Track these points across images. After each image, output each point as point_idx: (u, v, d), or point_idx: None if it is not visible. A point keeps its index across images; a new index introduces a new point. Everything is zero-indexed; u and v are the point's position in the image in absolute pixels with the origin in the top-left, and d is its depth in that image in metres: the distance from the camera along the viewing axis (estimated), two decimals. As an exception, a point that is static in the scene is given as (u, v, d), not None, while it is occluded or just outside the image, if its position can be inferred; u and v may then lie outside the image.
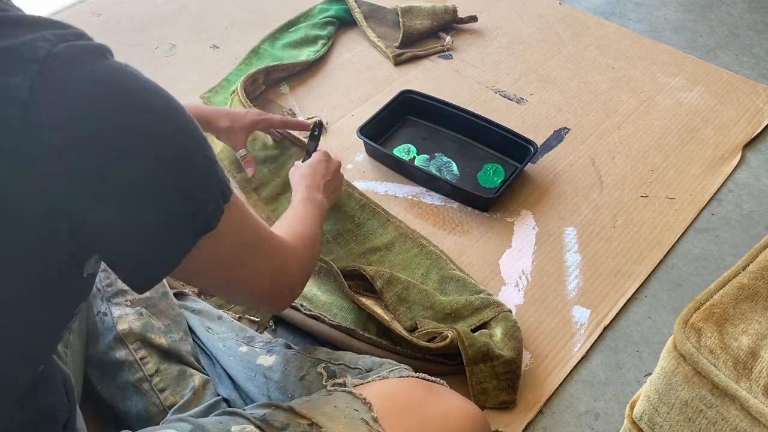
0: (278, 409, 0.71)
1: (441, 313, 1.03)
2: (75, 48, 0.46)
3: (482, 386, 0.94)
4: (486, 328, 1.01)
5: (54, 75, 0.44)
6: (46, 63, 0.44)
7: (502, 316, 1.01)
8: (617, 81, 1.52)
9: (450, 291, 1.07)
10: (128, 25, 1.67)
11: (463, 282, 1.08)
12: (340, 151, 1.33)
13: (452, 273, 1.09)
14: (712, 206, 1.26)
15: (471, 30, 1.66)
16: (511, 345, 0.97)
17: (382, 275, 1.06)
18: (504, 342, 0.97)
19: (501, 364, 0.94)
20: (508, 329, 0.99)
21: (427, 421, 0.73)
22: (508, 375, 0.95)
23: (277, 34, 1.61)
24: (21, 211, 0.46)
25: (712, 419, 0.66)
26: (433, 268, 1.11)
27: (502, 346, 0.96)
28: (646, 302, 1.10)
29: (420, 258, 1.12)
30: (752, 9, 1.78)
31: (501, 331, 0.99)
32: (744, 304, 0.67)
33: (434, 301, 1.04)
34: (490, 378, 0.94)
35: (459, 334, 0.94)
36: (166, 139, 0.50)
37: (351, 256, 1.13)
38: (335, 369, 0.83)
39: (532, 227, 1.20)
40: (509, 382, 0.95)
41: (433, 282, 1.09)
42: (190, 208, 0.53)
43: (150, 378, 0.84)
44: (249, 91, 1.41)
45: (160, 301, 0.91)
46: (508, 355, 0.95)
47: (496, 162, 1.30)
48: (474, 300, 1.03)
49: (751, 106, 1.45)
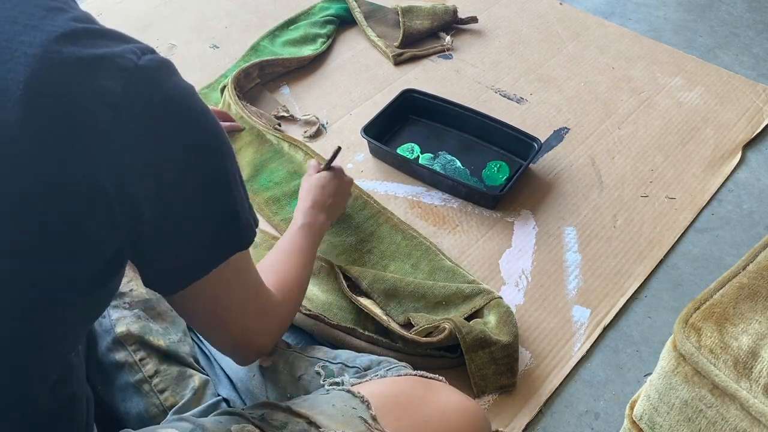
0: (276, 408, 0.71)
1: (432, 302, 1.04)
2: (155, 62, 0.53)
3: (482, 372, 0.96)
4: (479, 317, 1.02)
5: (141, 83, 0.51)
6: (134, 72, 0.51)
7: (494, 303, 1.03)
8: (617, 81, 1.52)
9: (440, 280, 1.09)
10: (128, 25, 1.67)
11: (453, 272, 1.09)
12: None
13: (442, 263, 1.11)
14: (712, 206, 1.26)
15: (471, 30, 1.66)
16: (507, 330, 0.99)
17: (365, 276, 1.07)
18: (499, 328, 0.99)
19: (499, 349, 0.96)
20: (501, 315, 1.01)
21: (427, 418, 0.73)
22: (506, 359, 0.97)
23: (276, 32, 1.61)
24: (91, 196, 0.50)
25: (712, 419, 0.66)
26: (423, 259, 1.12)
27: (498, 332, 0.98)
28: (646, 302, 1.10)
29: (410, 249, 1.13)
30: (752, 9, 1.78)
31: (495, 318, 1.01)
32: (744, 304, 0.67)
33: (425, 292, 1.05)
34: (488, 364, 0.96)
35: (455, 324, 0.96)
36: (222, 158, 0.58)
37: (343, 246, 1.14)
38: (333, 368, 0.83)
39: (532, 227, 1.20)
40: (507, 366, 0.97)
41: (423, 273, 1.10)
42: (234, 224, 0.60)
43: (150, 379, 0.84)
44: (243, 84, 1.42)
45: (159, 302, 0.91)
46: (505, 339, 0.97)
47: (500, 159, 1.30)
48: (465, 288, 1.05)
49: (751, 106, 1.45)
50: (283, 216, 1.20)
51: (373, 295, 1.06)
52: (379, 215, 1.18)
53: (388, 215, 1.19)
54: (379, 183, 1.27)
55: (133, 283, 0.90)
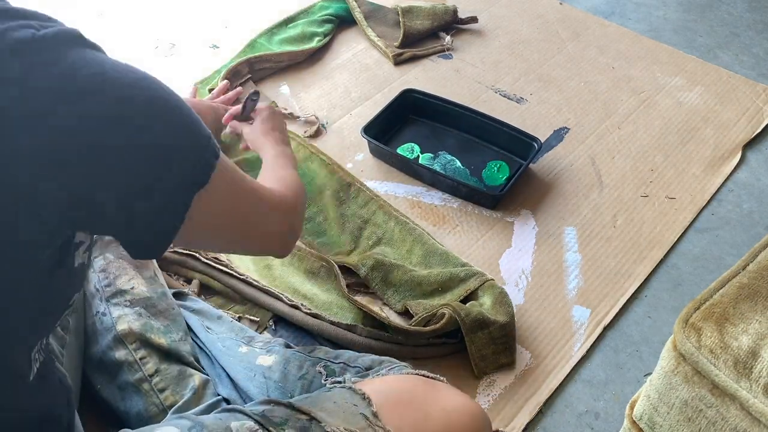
0: (278, 405, 0.71)
1: (428, 289, 1.06)
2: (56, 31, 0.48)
3: (481, 353, 0.98)
4: (473, 299, 1.05)
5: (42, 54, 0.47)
6: (31, 44, 0.47)
7: (488, 285, 1.05)
8: (617, 81, 1.52)
9: (434, 264, 1.11)
10: (128, 24, 1.67)
11: (446, 255, 1.12)
12: (340, 150, 1.33)
13: (435, 247, 1.13)
14: (712, 206, 1.26)
15: (471, 30, 1.66)
16: (503, 310, 1.01)
17: (365, 263, 1.09)
18: (495, 309, 1.01)
19: (497, 329, 0.99)
20: (496, 296, 1.03)
21: (427, 417, 0.73)
22: (504, 338, 0.99)
23: (275, 29, 1.61)
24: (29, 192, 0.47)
25: (712, 419, 0.66)
26: (416, 243, 1.14)
27: (494, 313, 1.01)
28: (646, 302, 1.10)
29: (404, 234, 1.16)
30: (752, 9, 1.78)
31: (490, 299, 1.03)
32: (744, 304, 0.67)
33: (420, 279, 1.07)
34: (488, 344, 0.98)
35: (454, 308, 0.98)
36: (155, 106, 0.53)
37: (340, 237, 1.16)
38: (335, 368, 0.83)
39: (532, 227, 1.20)
40: (506, 345, 1.00)
41: (417, 257, 1.12)
42: (183, 166, 0.55)
43: (150, 378, 0.84)
44: (233, 81, 1.42)
45: (159, 301, 0.91)
46: (502, 319, 1.00)
47: (500, 159, 1.30)
48: (458, 272, 1.07)
49: (751, 106, 1.45)
50: None
51: (371, 282, 1.07)
52: (372, 202, 1.20)
53: (381, 202, 1.21)
54: (379, 183, 1.27)
55: (134, 281, 0.90)
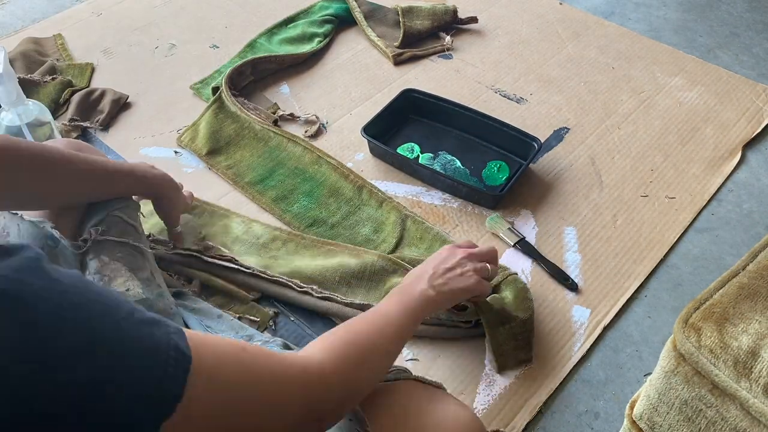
0: None
1: None
2: None
3: (501, 349, 0.99)
4: (495, 292, 1.04)
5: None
6: None
7: (510, 279, 1.06)
8: (617, 81, 1.52)
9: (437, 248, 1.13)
10: (128, 24, 1.67)
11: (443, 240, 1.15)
12: (340, 150, 1.33)
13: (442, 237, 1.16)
14: (712, 206, 1.26)
15: (471, 30, 1.66)
16: (524, 306, 1.02)
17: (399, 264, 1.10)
18: (516, 304, 1.02)
19: (518, 325, 0.99)
20: (518, 291, 1.03)
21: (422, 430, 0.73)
22: (524, 335, 1.00)
23: (274, 29, 1.61)
24: None
25: (711, 419, 0.66)
26: (436, 242, 1.15)
27: (515, 308, 1.01)
28: (646, 302, 1.10)
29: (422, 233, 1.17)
30: (752, 9, 1.78)
31: (512, 294, 1.03)
32: (744, 304, 0.67)
33: None
34: (508, 339, 0.99)
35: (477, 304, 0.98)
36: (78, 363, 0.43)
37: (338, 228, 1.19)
38: None
39: (532, 227, 1.20)
40: (525, 341, 1.00)
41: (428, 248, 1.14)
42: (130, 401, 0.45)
43: None
44: (236, 82, 1.42)
45: (157, 301, 0.90)
46: (523, 315, 1.00)
47: (500, 159, 1.30)
48: None
49: (751, 106, 1.45)
50: (293, 213, 1.21)
51: None
52: (386, 204, 1.21)
53: (394, 203, 1.21)
54: (379, 183, 1.27)
55: (130, 283, 0.89)
